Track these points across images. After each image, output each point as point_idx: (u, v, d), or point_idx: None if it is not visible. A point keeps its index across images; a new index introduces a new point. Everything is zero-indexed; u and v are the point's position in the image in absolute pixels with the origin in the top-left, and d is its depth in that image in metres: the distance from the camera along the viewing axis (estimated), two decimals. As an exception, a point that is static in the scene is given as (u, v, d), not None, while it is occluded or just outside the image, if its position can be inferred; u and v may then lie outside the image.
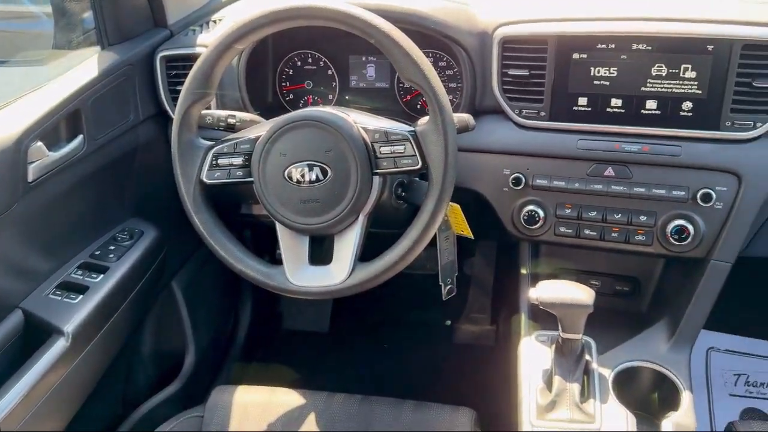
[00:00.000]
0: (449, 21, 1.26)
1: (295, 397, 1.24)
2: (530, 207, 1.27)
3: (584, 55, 1.18)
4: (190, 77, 1.06)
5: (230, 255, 1.09)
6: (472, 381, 1.80)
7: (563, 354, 1.17)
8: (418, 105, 1.42)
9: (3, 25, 1.82)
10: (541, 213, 1.26)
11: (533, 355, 1.26)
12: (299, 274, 1.07)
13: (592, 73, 1.19)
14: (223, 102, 1.37)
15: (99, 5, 1.34)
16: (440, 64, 1.37)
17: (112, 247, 1.36)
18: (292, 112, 1.05)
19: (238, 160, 1.07)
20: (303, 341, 2.13)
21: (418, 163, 1.00)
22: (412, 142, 1.00)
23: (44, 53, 1.55)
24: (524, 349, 1.28)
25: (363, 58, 1.42)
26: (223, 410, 1.21)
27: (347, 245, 1.06)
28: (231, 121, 1.15)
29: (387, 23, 0.99)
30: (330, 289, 1.06)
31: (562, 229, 1.27)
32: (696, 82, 1.15)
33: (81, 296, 1.23)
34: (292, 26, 1.02)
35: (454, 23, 1.26)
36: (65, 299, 1.22)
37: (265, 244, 1.76)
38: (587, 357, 1.20)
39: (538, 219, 1.26)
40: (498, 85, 1.25)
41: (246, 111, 1.33)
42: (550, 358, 1.20)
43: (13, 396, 1.07)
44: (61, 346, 1.16)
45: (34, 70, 1.56)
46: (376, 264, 1.04)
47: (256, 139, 1.05)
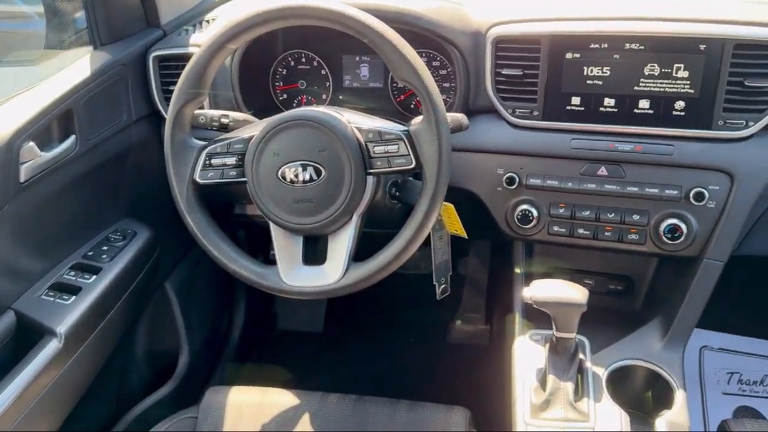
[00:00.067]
0: (442, 21, 1.26)
1: (289, 397, 1.23)
2: (524, 206, 1.27)
3: (577, 55, 1.19)
4: (183, 77, 1.05)
5: (224, 255, 1.09)
6: (466, 380, 1.80)
7: (557, 353, 1.17)
8: (411, 105, 1.42)
9: (-5, 25, 1.81)
10: (535, 212, 1.27)
11: (527, 354, 1.26)
12: (293, 274, 1.07)
13: (585, 73, 1.19)
14: (217, 102, 1.37)
15: (91, 5, 1.34)
16: (434, 63, 1.37)
17: (105, 248, 1.36)
18: (286, 111, 1.05)
19: (232, 160, 1.06)
20: (297, 341, 2.12)
21: (412, 163, 1.00)
22: (406, 141, 1.00)
23: (36, 53, 1.54)
24: (518, 349, 1.28)
25: (356, 58, 1.42)
26: (217, 411, 1.21)
27: (341, 245, 1.06)
28: (224, 120, 1.15)
29: (380, 23, 0.99)
30: (324, 289, 1.06)
31: (556, 229, 1.27)
32: (688, 82, 1.15)
33: (74, 297, 1.23)
34: (285, 26, 1.02)
35: (447, 23, 1.26)
36: (58, 300, 1.22)
37: (258, 244, 1.76)
38: (581, 356, 1.20)
39: (531, 218, 1.27)
40: (491, 85, 1.25)
41: (239, 111, 1.33)
42: (544, 357, 1.21)
43: (6, 397, 1.07)
44: (54, 347, 1.16)
45: (25, 70, 1.56)
46: (370, 264, 1.04)
47: (250, 138, 1.05)
